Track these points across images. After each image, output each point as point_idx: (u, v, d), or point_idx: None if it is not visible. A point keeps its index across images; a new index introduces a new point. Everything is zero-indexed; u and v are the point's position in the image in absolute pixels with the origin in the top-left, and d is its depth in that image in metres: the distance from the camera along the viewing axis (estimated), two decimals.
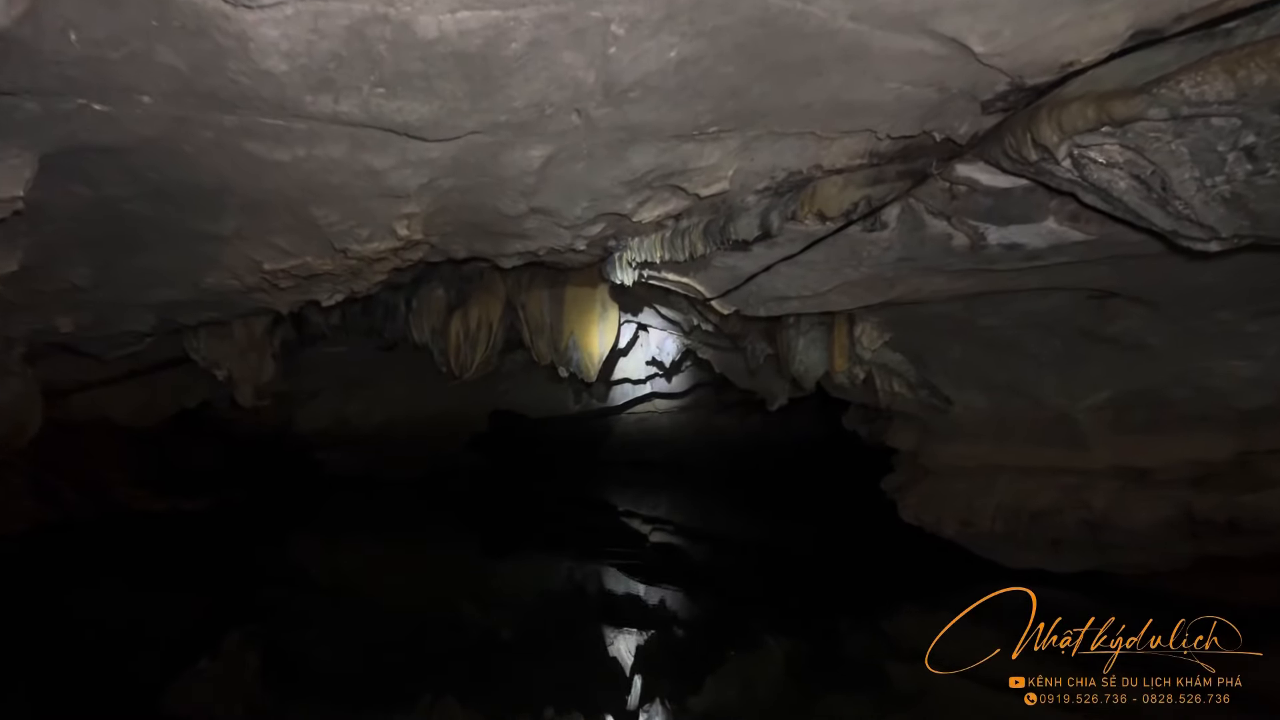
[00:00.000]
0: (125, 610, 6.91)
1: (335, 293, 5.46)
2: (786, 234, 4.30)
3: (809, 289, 4.96)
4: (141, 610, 6.93)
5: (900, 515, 7.35)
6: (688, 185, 3.93)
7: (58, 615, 6.58)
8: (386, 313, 7.98)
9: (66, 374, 8.19)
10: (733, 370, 8.83)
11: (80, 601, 6.97)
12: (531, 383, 11.64)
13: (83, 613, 6.72)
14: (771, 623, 6.46)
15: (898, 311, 5.80)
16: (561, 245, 4.81)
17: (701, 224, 4.48)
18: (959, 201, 3.82)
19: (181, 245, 4.18)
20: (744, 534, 10.40)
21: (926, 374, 6.58)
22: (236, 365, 7.80)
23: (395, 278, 6.19)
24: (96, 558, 8.05)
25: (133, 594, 7.31)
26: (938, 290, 5.01)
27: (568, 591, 7.67)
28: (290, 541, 9.73)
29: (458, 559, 9.09)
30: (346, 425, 11.72)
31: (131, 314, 5.40)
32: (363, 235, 4.08)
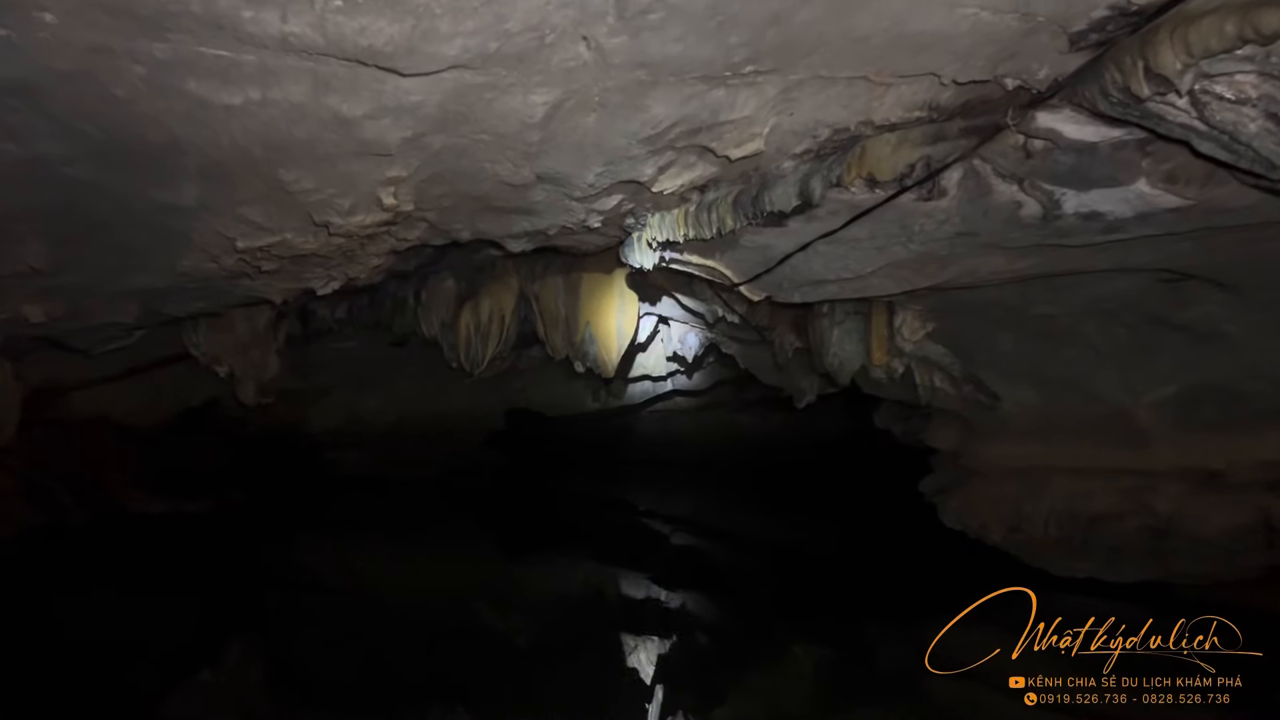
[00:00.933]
0: (114, 618, 6.42)
1: (330, 280, 4.92)
2: (828, 205, 3.69)
3: (850, 271, 4.35)
4: (130, 617, 6.44)
5: (941, 519, 6.73)
6: (717, 145, 3.33)
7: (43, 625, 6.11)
8: (394, 305, 7.49)
9: (64, 371, 7.71)
10: (758, 365, 8.24)
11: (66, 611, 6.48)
12: (548, 380, 11.14)
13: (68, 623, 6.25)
14: (798, 629, 6.04)
15: (943, 299, 5.19)
16: (574, 223, 4.23)
17: (731, 195, 3.88)
18: (1034, 161, 3.20)
19: (143, 220, 3.63)
20: (768, 536, 9.84)
21: (972, 368, 5.94)
22: (238, 361, 7.34)
23: (398, 265, 5.67)
24: (86, 563, 7.52)
25: (123, 600, 6.81)
26: (994, 272, 4.40)
27: (586, 595, 7.30)
28: (298, 543, 9.22)
29: (473, 561, 8.68)
30: (359, 423, 11.25)
31: (109, 303, 4.86)
32: (344, 206, 3.50)
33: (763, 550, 9.06)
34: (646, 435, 13.64)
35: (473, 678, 5.07)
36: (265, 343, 7.48)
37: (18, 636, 5.78)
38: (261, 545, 8.71)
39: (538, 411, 12.38)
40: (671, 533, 10.05)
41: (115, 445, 8.54)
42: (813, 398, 8.18)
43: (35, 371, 7.41)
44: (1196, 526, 5.50)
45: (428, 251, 5.76)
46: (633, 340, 7.31)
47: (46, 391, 7.84)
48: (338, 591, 7.42)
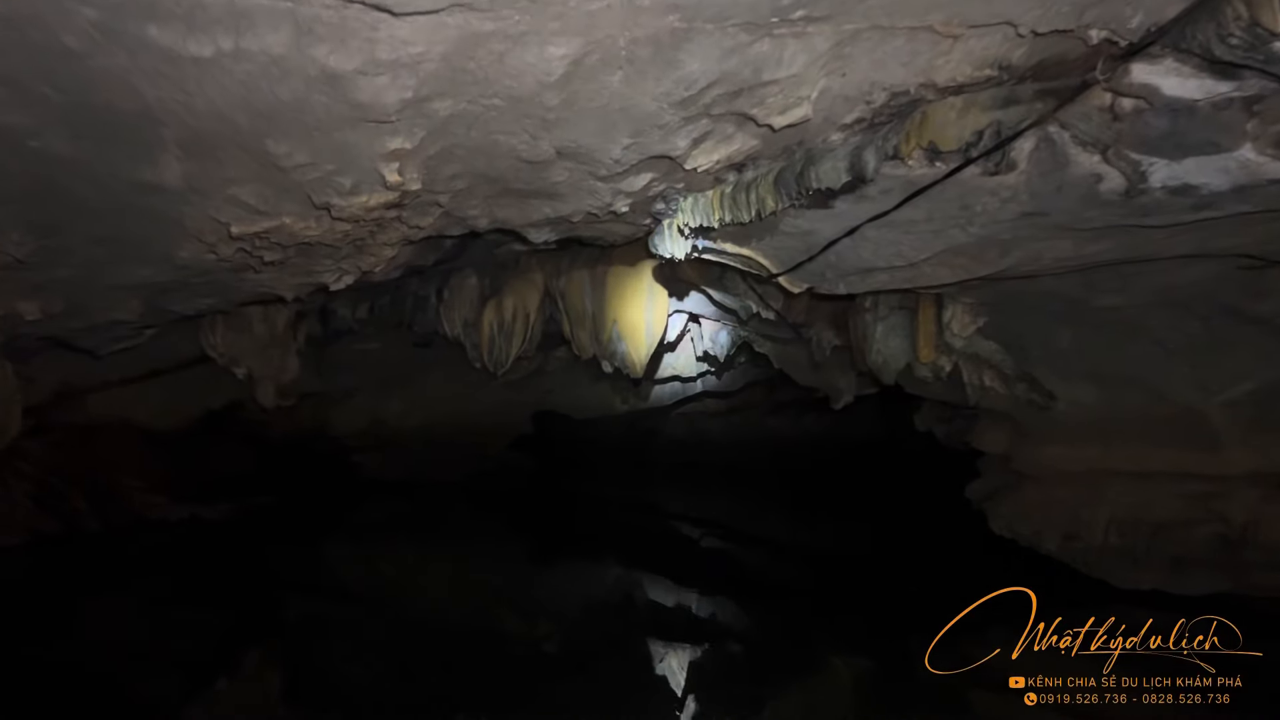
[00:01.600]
0: (120, 629, 6.09)
1: (342, 274, 4.55)
2: (881, 181, 3.28)
3: (902, 258, 3.93)
4: (139, 628, 6.11)
5: (991, 526, 6.27)
6: (758, 111, 2.92)
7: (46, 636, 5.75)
8: (416, 304, 7.15)
9: (81, 373, 7.45)
10: (793, 365, 7.81)
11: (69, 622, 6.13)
12: (576, 382, 10.77)
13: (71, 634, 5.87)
14: (834, 638, 5.66)
15: (997, 290, 4.75)
16: (599, 207, 3.83)
17: (772, 173, 3.47)
18: (1122, 125, 2.77)
19: (127, 204, 3.27)
20: (800, 540, 9.46)
21: (1026, 365, 5.49)
22: (256, 362, 7.07)
23: (416, 259, 5.32)
24: (95, 572, 7.17)
25: (131, 611, 6.48)
26: (1060, 259, 3.96)
27: (615, 601, 6.94)
28: (322, 549, 8.86)
29: (500, 566, 8.31)
30: (384, 426, 10.89)
31: (108, 299, 4.52)
32: (345, 185, 3.12)
33: (795, 555, 8.69)
34: (675, 437, 13.32)
35: (499, 686, 4.85)
36: (284, 343, 7.19)
37: (18, 651, 5.45)
38: (284, 552, 8.38)
39: (565, 414, 12.02)
40: (701, 537, 9.75)
41: (134, 450, 8.25)
42: (850, 398, 7.79)
43: (51, 373, 7.19)
44: (1275, 534, 5.01)
45: (447, 245, 5.39)
46: (662, 339, 6.93)
47: (64, 394, 7.60)
48: (361, 598, 7.10)
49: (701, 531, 9.99)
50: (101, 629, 6.04)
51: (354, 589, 7.51)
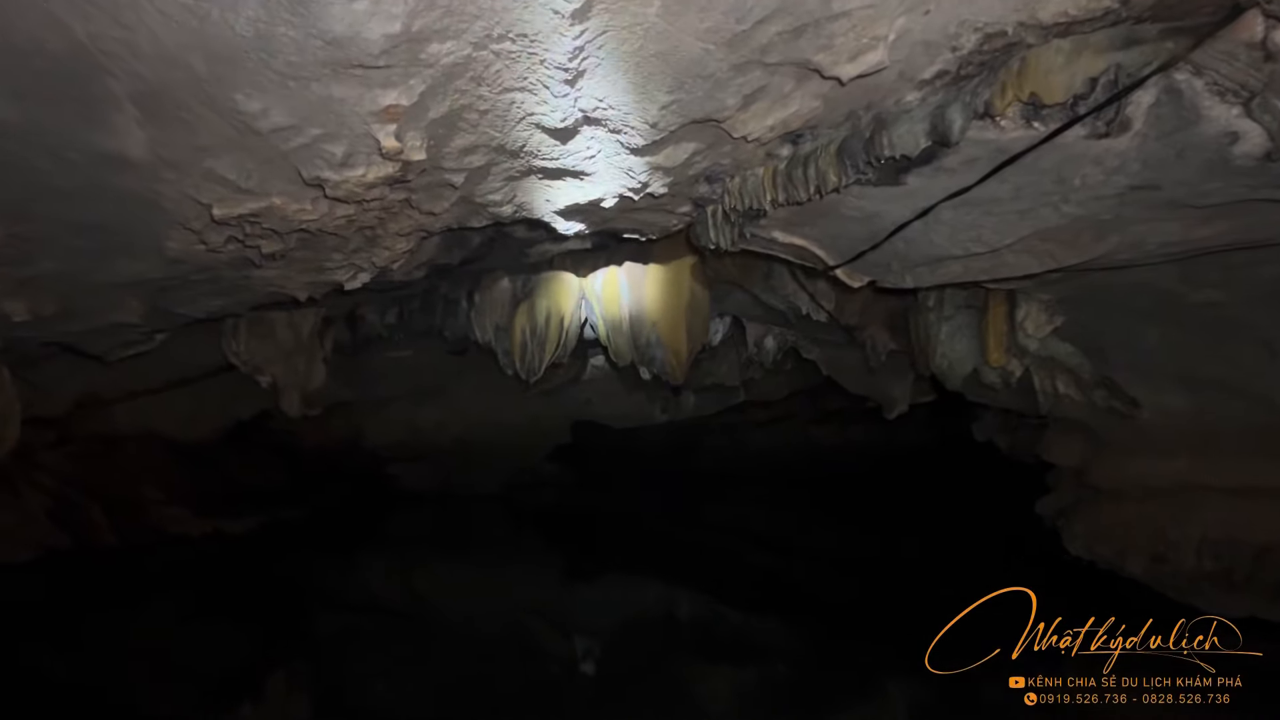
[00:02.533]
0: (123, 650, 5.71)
1: (356, 270, 4.10)
2: (964, 149, 2.74)
3: (981, 244, 3.37)
4: (140, 650, 5.77)
5: (1066, 547, 5.66)
6: (824, 58, 2.39)
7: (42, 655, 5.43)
8: (447, 309, 6.69)
9: (105, 382, 7.08)
10: (843, 371, 7.27)
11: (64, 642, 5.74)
12: (615, 390, 10.17)
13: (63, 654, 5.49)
14: (886, 661, 5.22)
15: (1078, 285, 4.18)
16: (634, 189, 3.31)
17: (835, 143, 2.93)
18: (1278, 65, 2.20)
19: (95, 181, 2.81)
20: (847, 554, 8.99)
21: (1106, 369, 4.88)
22: (281, 370, 6.72)
23: (440, 256, 4.87)
24: (99, 590, 6.79)
25: (131, 631, 6.11)
26: (1164, 244, 3.39)
27: (655, 617, 6.74)
28: (352, 562, 8.55)
29: (537, 580, 8.15)
30: (419, 436, 10.46)
31: (104, 298, 4.10)
32: (335, 155, 2.64)
33: (843, 570, 8.21)
34: (716, 448, 12.90)
35: (533, 706, 4.70)
36: (310, 350, 6.81)
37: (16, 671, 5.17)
38: (313, 566, 8.08)
39: (604, 424, 11.46)
40: (744, 550, 9.39)
41: (159, 461, 7.87)
42: (904, 407, 7.29)
43: (71, 383, 6.86)
44: None
45: (474, 242, 4.92)
46: (704, 344, 6.39)
47: (87, 405, 7.27)
48: (393, 613, 6.90)
49: (745, 544, 9.66)
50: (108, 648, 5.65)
51: (385, 604, 7.27)
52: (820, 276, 5.28)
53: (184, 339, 6.53)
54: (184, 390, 7.50)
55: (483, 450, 10.97)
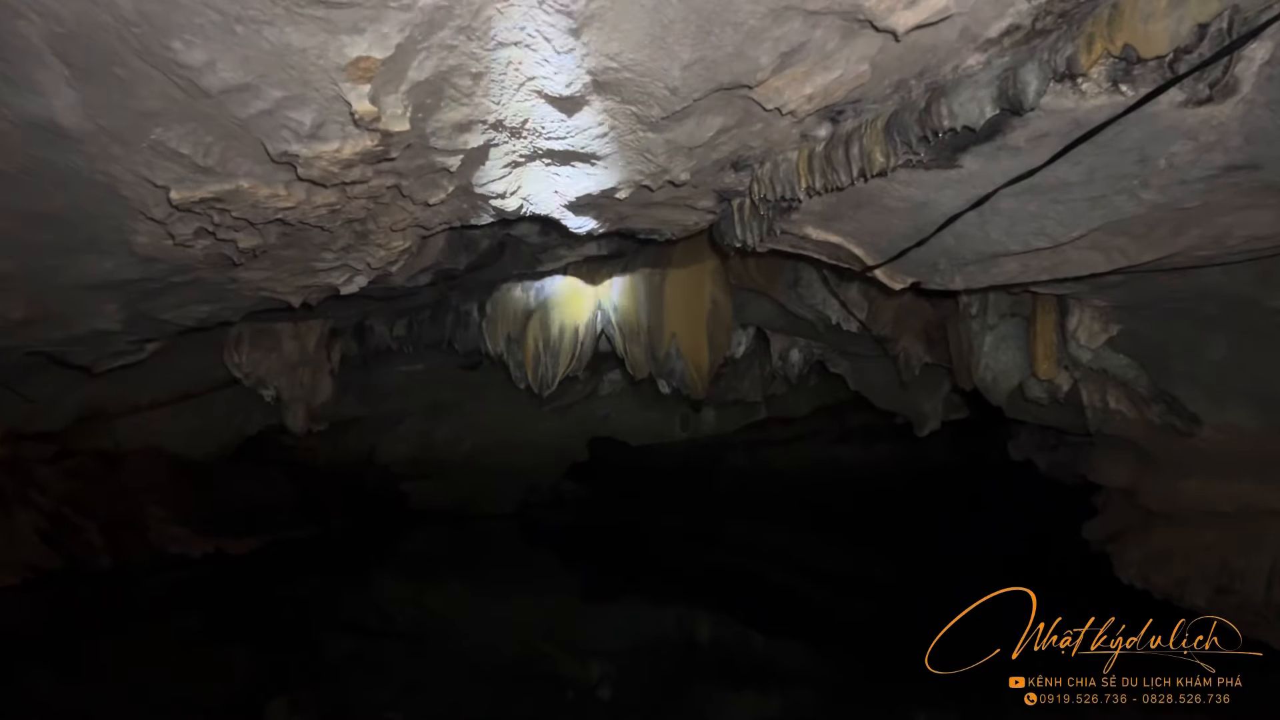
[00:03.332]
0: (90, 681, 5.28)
1: (350, 272, 3.73)
2: (1036, 121, 2.34)
3: (1045, 237, 2.94)
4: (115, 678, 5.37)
5: (1118, 574, 5.17)
6: (876, 6, 1.99)
7: None
8: (458, 320, 6.36)
9: (108, 396, 6.76)
10: (872, 386, 6.86)
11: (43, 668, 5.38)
12: (633, 406, 9.95)
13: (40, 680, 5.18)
14: (916, 693, 4.82)
15: (1140, 289, 3.76)
16: (652, 173, 2.92)
17: (882, 117, 2.51)
18: None
19: (35, 157, 2.42)
20: (872, 576, 8.70)
21: (1165, 382, 4.43)
22: (286, 383, 6.47)
23: (444, 261, 4.50)
24: (85, 614, 6.39)
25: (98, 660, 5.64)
26: (1250, 239, 2.97)
27: (675, 641, 6.50)
28: (361, 582, 8.22)
29: (553, 602, 7.91)
30: (433, 453, 10.09)
31: (78, 302, 3.73)
32: (303, 124, 2.25)
33: (869, 594, 7.86)
34: (738, 466, 12.56)
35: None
36: (316, 363, 6.51)
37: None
38: (317, 587, 7.72)
39: (622, 440, 11.13)
40: (767, 571, 9.06)
41: (162, 478, 7.49)
42: (936, 424, 6.92)
43: (70, 396, 6.54)
44: None
45: (481, 245, 4.56)
46: (726, 356, 5.99)
47: (89, 419, 6.93)
48: (404, 636, 6.62)
49: (767, 565, 9.34)
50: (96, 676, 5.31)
51: (394, 626, 6.97)
52: (853, 281, 4.89)
53: (187, 351, 6.25)
54: (190, 404, 7.17)
55: (498, 468, 10.68)
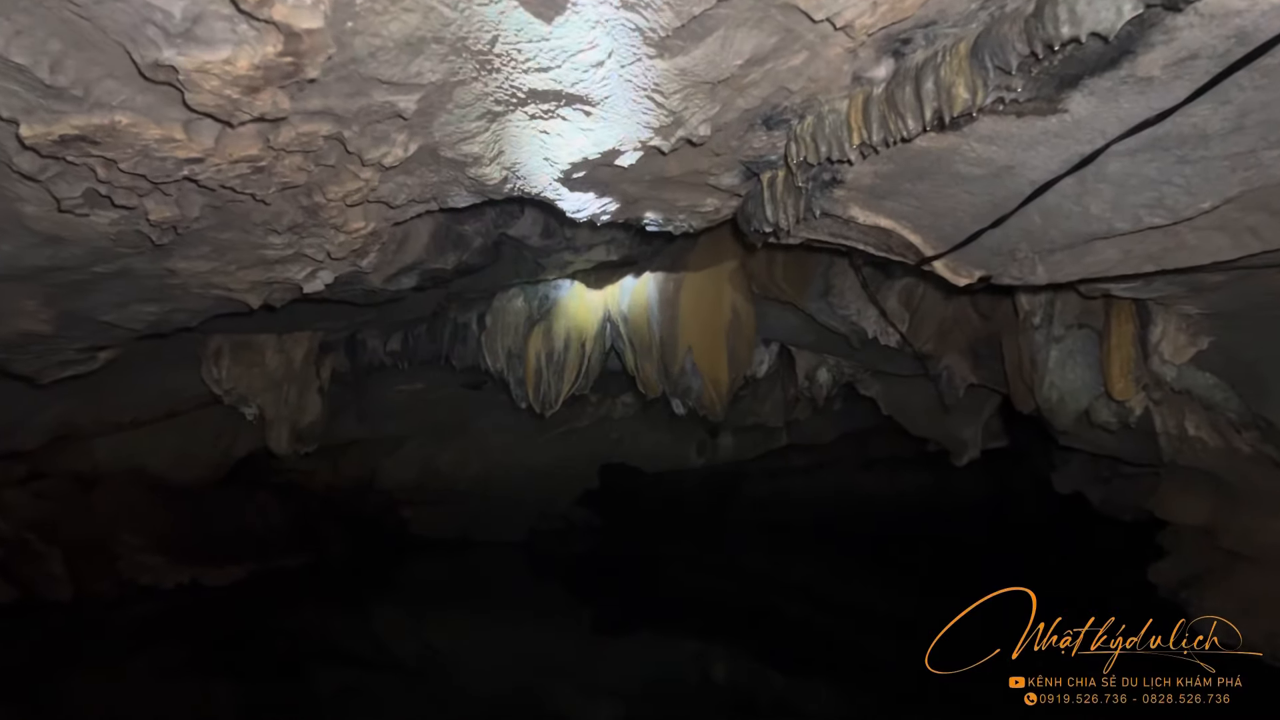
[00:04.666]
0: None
1: (310, 264, 3.15)
2: (1189, 33, 1.65)
3: (1164, 210, 2.28)
4: None
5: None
6: None
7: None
8: (455, 334, 5.72)
9: (87, 412, 6.20)
10: (905, 410, 6.24)
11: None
12: (647, 429, 9.35)
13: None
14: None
15: (1243, 292, 3.08)
16: (660, 126, 2.26)
17: (968, 39, 1.85)
18: None
19: None
20: (897, 612, 8.13)
21: (1263, 406, 3.69)
22: (269, 401, 5.86)
23: (431, 258, 3.93)
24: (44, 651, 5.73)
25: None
26: None
27: (690, 680, 6.15)
28: (354, 614, 7.70)
29: (562, 637, 7.57)
30: (438, 478, 9.48)
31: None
32: (171, 12, 1.54)
33: (891, 629, 7.37)
34: (757, 495, 11.94)
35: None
36: (304, 380, 5.92)
37: None
38: (303, 619, 7.20)
39: (635, 466, 10.55)
40: (785, 605, 8.72)
41: (142, 503, 6.81)
42: (976, 453, 6.32)
43: (44, 413, 5.95)
44: None
45: (472, 242, 3.94)
46: (747, 376, 5.33)
47: (66, 438, 6.34)
48: (400, 671, 6.23)
49: (786, 599, 8.98)
50: None
51: (389, 661, 6.54)
52: (895, 285, 4.21)
53: (167, 365, 5.64)
54: (173, 424, 6.54)
55: (504, 493, 10.07)
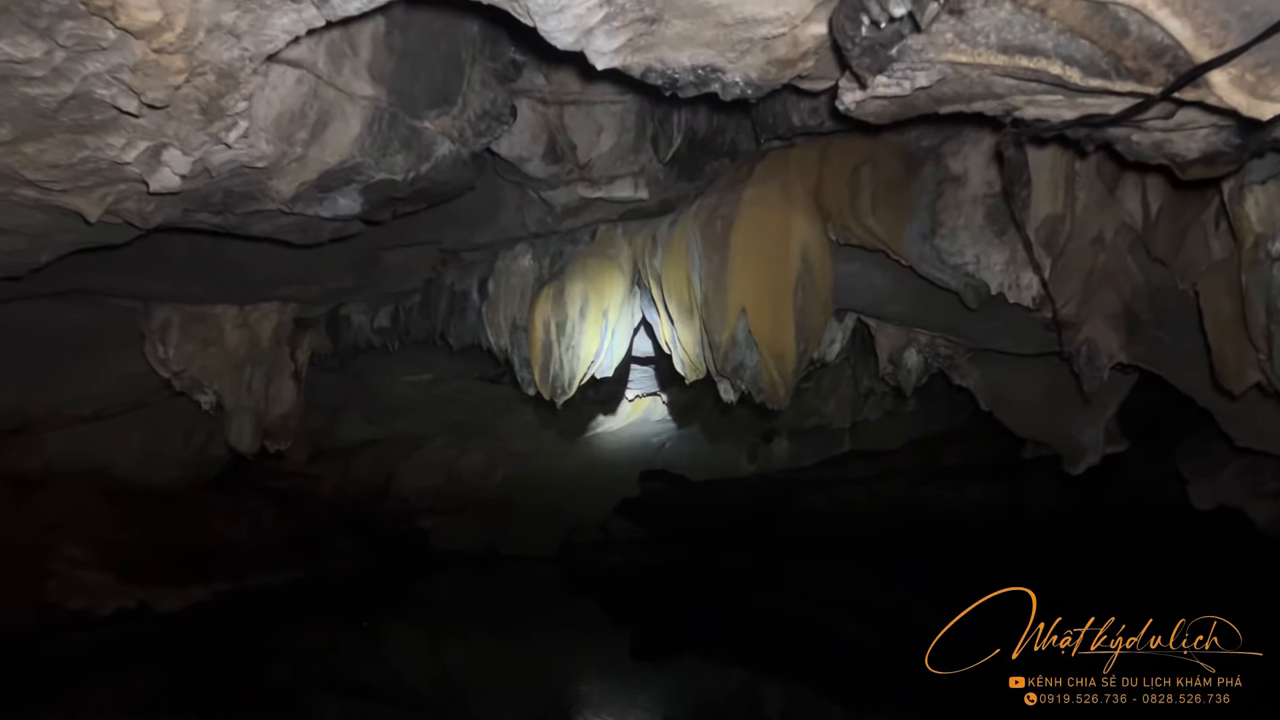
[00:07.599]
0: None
1: (133, 135, 1.90)
2: None
3: None
4: None
5: None
6: None
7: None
8: (452, 304, 4.61)
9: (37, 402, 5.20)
10: (1010, 405, 4.98)
11: None
12: (693, 434, 8.33)
13: None
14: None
15: None
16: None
17: None
18: None
19: None
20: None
21: None
22: (227, 386, 4.72)
23: (377, 169, 2.69)
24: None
25: None
26: None
27: (738, 712, 5.56)
28: (343, 644, 6.71)
29: (595, 661, 6.90)
30: (460, 484, 8.67)
31: None
32: None
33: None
34: (812, 506, 11.16)
35: None
36: (274, 362, 4.88)
37: None
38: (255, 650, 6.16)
39: (679, 474, 9.65)
40: (844, 626, 8.23)
41: (94, 510, 5.70)
42: (1095, 459, 4.96)
43: None
44: None
45: (439, 150, 2.70)
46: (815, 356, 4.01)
47: (17, 431, 5.33)
48: (415, 702, 5.64)
49: (844, 619, 8.50)
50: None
51: (400, 692, 5.85)
52: (1033, 216, 2.83)
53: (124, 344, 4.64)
54: (139, 417, 5.44)
55: (536, 503, 9.28)
